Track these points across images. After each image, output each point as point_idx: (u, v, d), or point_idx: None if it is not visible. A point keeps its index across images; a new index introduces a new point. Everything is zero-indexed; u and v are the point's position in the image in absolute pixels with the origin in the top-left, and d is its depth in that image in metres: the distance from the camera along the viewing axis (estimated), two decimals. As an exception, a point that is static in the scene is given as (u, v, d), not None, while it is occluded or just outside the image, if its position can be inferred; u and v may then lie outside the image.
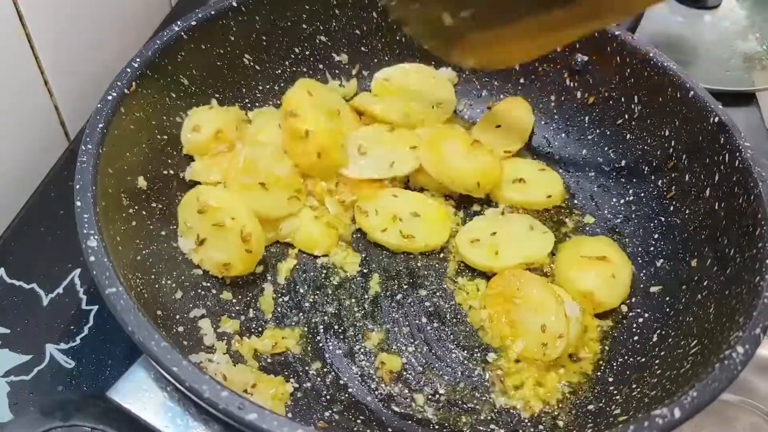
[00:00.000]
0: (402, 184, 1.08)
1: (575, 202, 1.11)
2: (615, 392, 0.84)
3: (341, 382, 0.87)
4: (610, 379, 0.87)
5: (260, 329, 0.92)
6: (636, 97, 1.06)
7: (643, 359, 0.87)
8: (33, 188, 1.10)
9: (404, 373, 0.89)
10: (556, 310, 0.88)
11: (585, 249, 0.99)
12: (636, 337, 0.92)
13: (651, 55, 1.03)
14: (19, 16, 0.99)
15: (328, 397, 0.85)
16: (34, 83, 1.06)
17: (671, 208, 1.01)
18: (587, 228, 1.08)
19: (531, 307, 0.90)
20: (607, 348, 0.93)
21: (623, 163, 1.10)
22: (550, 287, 0.92)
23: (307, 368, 0.88)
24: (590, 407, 0.84)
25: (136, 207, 0.90)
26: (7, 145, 1.04)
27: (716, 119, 0.94)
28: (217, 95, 1.07)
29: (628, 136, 1.09)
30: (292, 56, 1.15)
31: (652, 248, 1.02)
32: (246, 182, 0.95)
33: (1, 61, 0.98)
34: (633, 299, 0.97)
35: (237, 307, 0.93)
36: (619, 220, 1.07)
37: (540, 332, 0.87)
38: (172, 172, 0.99)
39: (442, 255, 1.03)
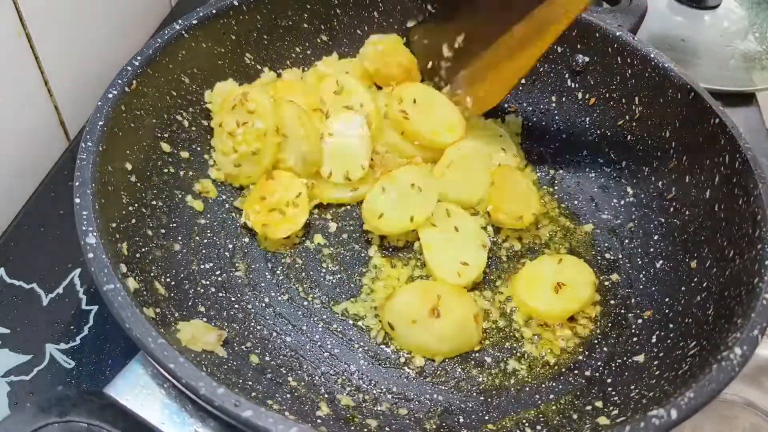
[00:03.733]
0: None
1: (575, 203, 1.11)
2: (613, 393, 0.84)
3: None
4: (609, 380, 0.87)
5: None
6: (637, 98, 1.07)
7: (642, 360, 0.87)
8: (33, 188, 1.10)
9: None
10: None
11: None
12: (635, 338, 0.92)
13: (652, 55, 1.03)
14: (19, 16, 0.99)
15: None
16: (34, 83, 1.07)
17: (671, 209, 1.01)
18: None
19: None
20: (606, 349, 0.92)
21: (624, 164, 1.10)
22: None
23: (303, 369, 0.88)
24: (588, 408, 0.83)
25: (136, 204, 0.90)
26: (8, 145, 1.04)
27: (716, 120, 0.94)
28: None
29: (629, 137, 1.09)
30: (293, 55, 1.15)
31: (652, 249, 1.01)
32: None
33: (1, 61, 0.98)
34: (633, 300, 0.97)
35: (236, 306, 0.93)
36: (619, 221, 1.07)
37: None
38: (172, 170, 0.99)
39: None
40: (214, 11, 1.01)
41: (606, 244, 1.06)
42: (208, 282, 0.94)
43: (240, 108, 1.00)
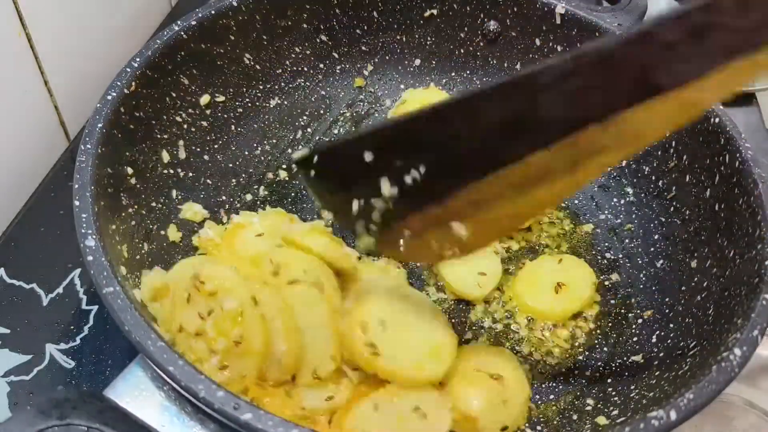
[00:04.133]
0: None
1: (575, 203, 1.11)
2: (613, 393, 0.84)
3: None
4: (609, 380, 0.87)
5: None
6: (637, 97, 1.06)
7: (642, 360, 0.87)
8: (33, 188, 1.10)
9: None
10: None
11: (481, 360, 0.84)
12: (635, 338, 0.92)
13: (652, 55, 1.03)
14: (19, 16, 0.99)
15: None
16: (34, 83, 1.07)
17: (671, 208, 1.01)
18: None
19: None
20: (606, 349, 0.92)
21: (624, 163, 1.10)
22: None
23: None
24: (588, 408, 0.84)
25: (136, 206, 0.90)
26: (7, 145, 1.04)
27: (716, 120, 0.93)
28: (217, 95, 1.06)
29: (629, 136, 1.09)
30: (293, 56, 1.15)
31: (652, 249, 1.01)
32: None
33: (1, 60, 0.98)
34: (633, 300, 0.97)
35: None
36: (619, 221, 1.07)
37: None
38: (171, 171, 0.99)
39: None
40: (213, 12, 1.01)
41: (606, 244, 1.06)
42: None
43: (197, 296, 0.75)
